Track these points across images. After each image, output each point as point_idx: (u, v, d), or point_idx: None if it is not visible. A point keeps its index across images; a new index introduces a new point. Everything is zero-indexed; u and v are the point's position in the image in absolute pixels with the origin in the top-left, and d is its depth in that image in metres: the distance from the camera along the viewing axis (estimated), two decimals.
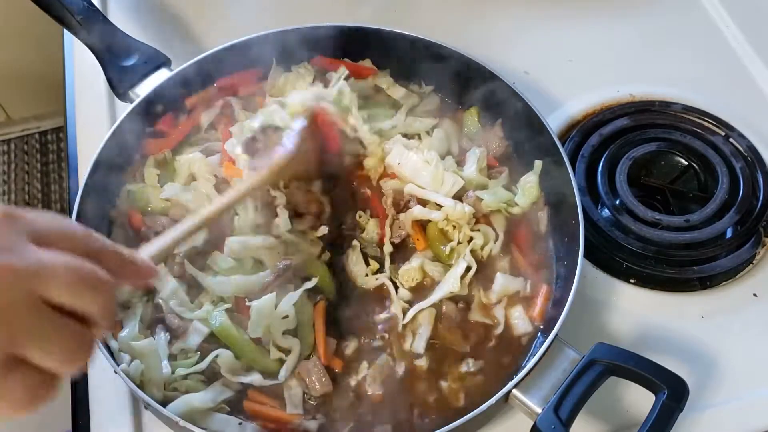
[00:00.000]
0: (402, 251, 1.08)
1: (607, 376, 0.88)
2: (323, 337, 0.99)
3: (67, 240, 0.57)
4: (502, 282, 1.04)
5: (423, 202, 1.07)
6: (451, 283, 1.02)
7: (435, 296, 1.02)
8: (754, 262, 1.16)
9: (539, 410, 0.86)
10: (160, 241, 0.77)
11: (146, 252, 0.73)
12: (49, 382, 0.54)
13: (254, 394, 0.96)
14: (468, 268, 1.03)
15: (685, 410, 0.85)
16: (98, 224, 1.05)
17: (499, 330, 1.03)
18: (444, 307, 1.02)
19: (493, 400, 0.87)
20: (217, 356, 0.95)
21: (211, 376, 0.96)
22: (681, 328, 1.08)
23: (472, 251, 1.05)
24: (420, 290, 1.05)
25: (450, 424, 0.86)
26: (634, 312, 1.09)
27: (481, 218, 1.08)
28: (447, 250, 1.05)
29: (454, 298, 1.03)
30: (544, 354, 0.90)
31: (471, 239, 1.06)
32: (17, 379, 0.52)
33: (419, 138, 1.17)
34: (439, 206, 1.06)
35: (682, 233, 1.14)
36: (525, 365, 0.91)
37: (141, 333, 0.96)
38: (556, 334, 0.91)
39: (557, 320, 0.92)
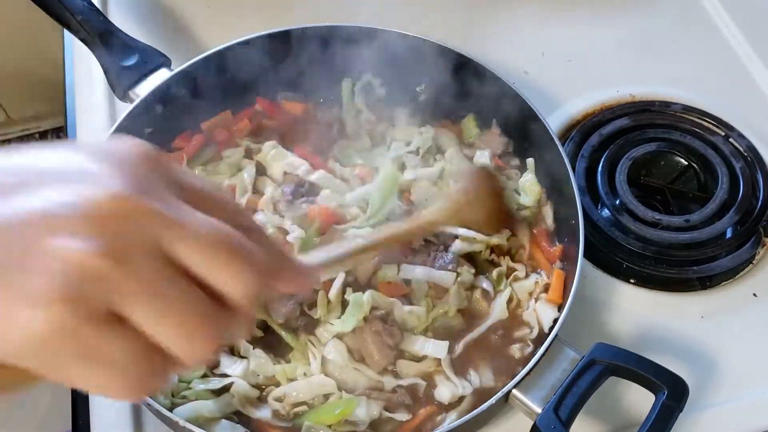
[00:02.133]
0: None
1: (607, 376, 0.88)
2: None
3: (219, 207, 0.46)
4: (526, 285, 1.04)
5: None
6: (498, 312, 1.01)
7: (483, 327, 1.00)
8: (754, 262, 1.16)
9: (539, 410, 0.86)
10: (324, 253, 0.65)
11: (308, 260, 0.61)
12: (158, 361, 0.41)
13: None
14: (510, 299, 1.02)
15: (685, 410, 0.85)
16: None
17: (534, 334, 1.01)
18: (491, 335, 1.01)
19: (493, 400, 0.87)
20: (232, 384, 0.93)
21: (221, 389, 0.94)
22: (681, 328, 1.08)
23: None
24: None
25: (450, 424, 0.86)
26: (634, 312, 1.09)
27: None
28: (495, 275, 1.04)
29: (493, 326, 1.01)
30: (543, 354, 0.90)
31: (513, 270, 1.06)
32: (118, 339, 0.39)
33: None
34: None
35: (682, 233, 1.14)
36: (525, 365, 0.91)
37: None
38: (556, 334, 0.91)
39: (557, 320, 0.93)
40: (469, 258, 1.05)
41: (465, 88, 1.20)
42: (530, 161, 1.11)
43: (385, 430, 0.94)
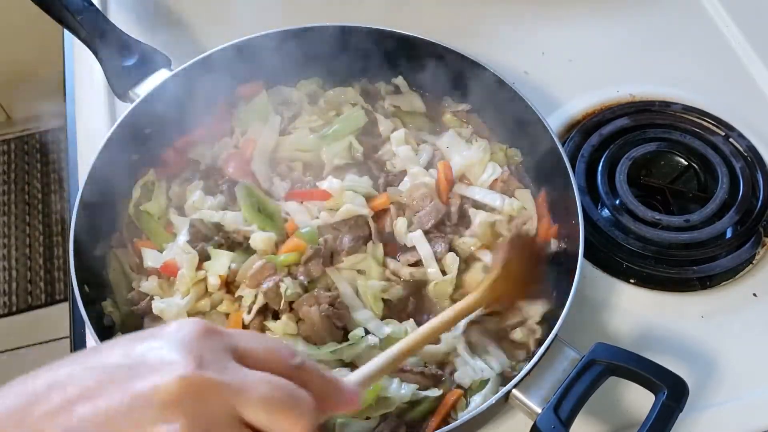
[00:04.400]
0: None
1: (607, 376, 0.88)
2: None
3: (271, 359, 0.55)
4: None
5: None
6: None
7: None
8: (754, 262, 1.16)
9: (539, 410, 0.86)
10: (365, 368, 0.72)
11: (352, 378, 0.68)
12: None
13: None
14: None
15: (685, 410, 0.85)
16: (99, 225, 1.05)
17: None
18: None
19: (492, 400, 0.87)
20: None
21: None
22: (681, 328, 1.08)
23: None
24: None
25: (450, 424, 0.86)
26: (634, 312, 1.09)
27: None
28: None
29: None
30: (543, 354, 0.90)
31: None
32: None
33: None
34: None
35: (682, 233, 1.14)
36: (525, 365, 0.91)
37: None
38: (556, 334, 0.91)
39: (557, 320, 0.92)
40: None
41: (464, 88, 1.21)
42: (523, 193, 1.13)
43: (415, 417, 0.95)
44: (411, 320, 1.00)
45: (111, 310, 1.01)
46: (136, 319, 1.02)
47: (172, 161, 1.15)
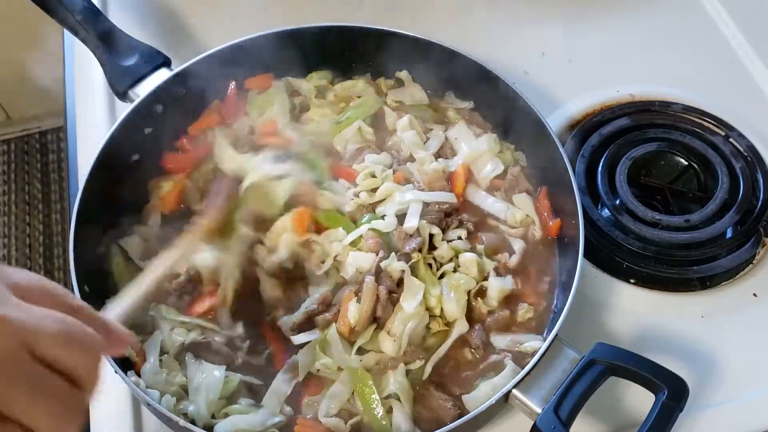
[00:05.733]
0: None
1: (607, 376, 0.88)
2: None
3: (49, 297, 0.56)
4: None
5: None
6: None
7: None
8: (754, 262, 1.16)
9: (539, 410, 0.86)
10: (121, 303, 0.76)
11: (112, 313, 0.72)
12: None
13: (304, 421, 0.93)
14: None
15: (685, 410, 0.85)
16: (98, 225, 1.05)
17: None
18: None
19: (492, 400, 0.87)
20: None
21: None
22: (681, 328, 1.08)
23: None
24: None
25: (450, 424, 0.86)
26: (634, 312, 1.09)
27: None
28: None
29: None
30: (544, 354, 0.90)
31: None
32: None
33: None
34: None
35: (682, 233, 1.14)
36: (525, 365, 0.91)
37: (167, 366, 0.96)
38: (556, 334, 0.91)
39: (557, 320, 0.92)
40: None
41: (464, 88, 1.21)
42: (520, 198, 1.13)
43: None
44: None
45: None
46: (142, 318, 1.01)
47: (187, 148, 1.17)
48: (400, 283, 1.00)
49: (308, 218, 1.04)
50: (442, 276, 1.03)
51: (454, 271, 1.03)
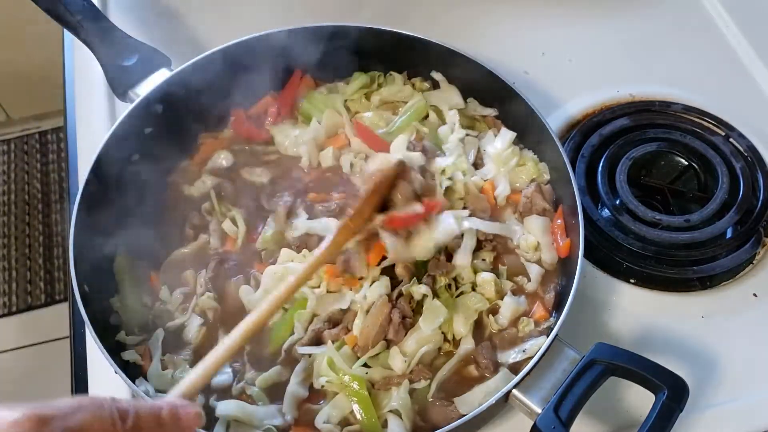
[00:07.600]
0: None
1: (607, 376, 0.88)
2: None
3: (102, 424, 0.58)
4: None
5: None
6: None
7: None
8: (754, 262, 1.16)
9: (539, 410, 0.86)
10: (192, 375, 0.74)
11: (178, 391, 0.71)
12: None
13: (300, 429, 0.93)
14: None
15: (685, 410, 0.85)
16: (98, 225, 1.05)
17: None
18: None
19: (492, 400, 0.87)
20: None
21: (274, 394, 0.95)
22: (681, 328, 1.08)
23: None
24: None
25: (450, 424, 0.86)
26: (634, 312, 1.09)
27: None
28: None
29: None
30: (544, 354, 0.90)
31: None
32: None
33: None
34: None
35: (682, 233, 1.14)
36: (525, 365, 0.91)
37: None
38: (556, 334, 0.91)
39: (557, 320, 0.93)
40: None
41: (464, 88, 1.20)
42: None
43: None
44: None
45: (119, 305, 1.01)
46: (144, 317, 1.02)
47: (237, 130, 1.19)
48: (415, 304, 0.99)
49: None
50: (459, 294, 1.01)
51: (473, 289, 1.02)
